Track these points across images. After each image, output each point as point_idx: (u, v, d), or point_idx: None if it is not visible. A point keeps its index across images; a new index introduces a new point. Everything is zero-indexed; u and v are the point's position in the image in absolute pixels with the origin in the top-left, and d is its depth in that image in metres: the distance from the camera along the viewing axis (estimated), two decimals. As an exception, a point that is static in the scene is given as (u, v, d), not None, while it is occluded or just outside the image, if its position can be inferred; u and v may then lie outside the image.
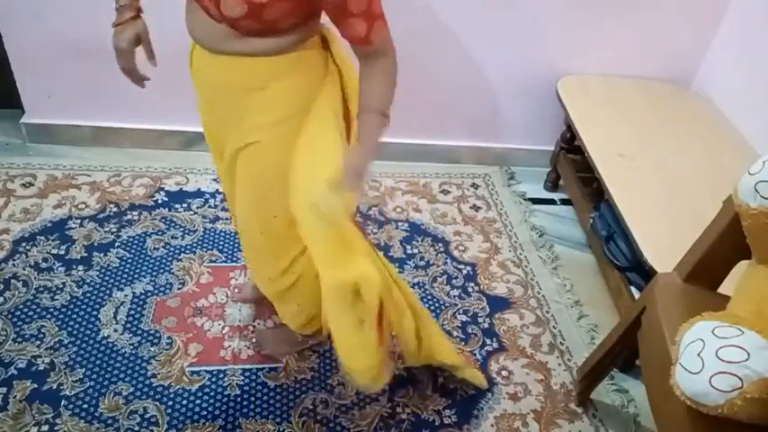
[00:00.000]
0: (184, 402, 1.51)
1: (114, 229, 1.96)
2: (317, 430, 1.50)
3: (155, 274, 1.83)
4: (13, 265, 1.79)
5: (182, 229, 2.00)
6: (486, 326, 1.83)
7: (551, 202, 2.41)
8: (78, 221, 1.97)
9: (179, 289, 1.80)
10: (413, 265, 2.00)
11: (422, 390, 1.62)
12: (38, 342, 1.59)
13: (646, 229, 1.62)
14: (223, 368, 1.60)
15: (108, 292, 1.76)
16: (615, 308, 1.87)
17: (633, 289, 1.76)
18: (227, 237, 2.00)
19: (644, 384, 1.39)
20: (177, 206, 2.09)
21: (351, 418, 1.53)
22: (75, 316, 1.67)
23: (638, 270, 1.74)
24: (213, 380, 1.57)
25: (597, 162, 1.88)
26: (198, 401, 1.52)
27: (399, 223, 2.16)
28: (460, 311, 1.86)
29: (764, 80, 2.05)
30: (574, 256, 2.14)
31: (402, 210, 2.22)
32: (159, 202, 2.10)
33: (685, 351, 1.02)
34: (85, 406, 1.47)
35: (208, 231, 2.01)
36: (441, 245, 2.09)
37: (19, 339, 1.60)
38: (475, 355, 1.73)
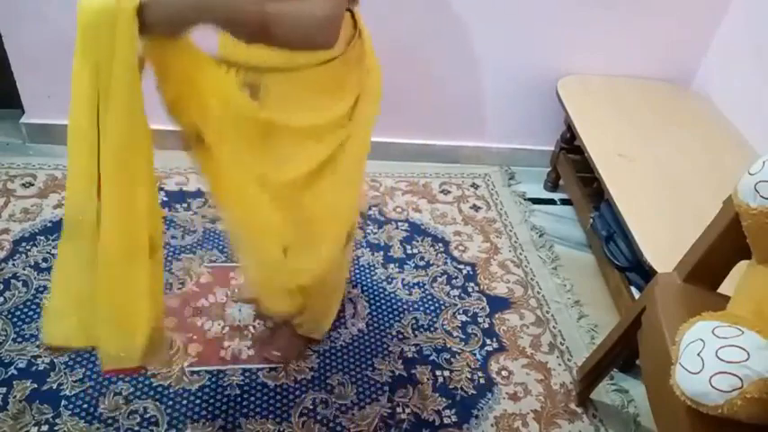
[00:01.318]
0: (184, 402, 1.51)
1: (114, 229, 1.96)
2: (317, 430, 1.50)
3: (155, 274, 1.83)
4: (13, 265, 1.79)
5: (182, 229, 2.00)
6: (486, 326, 1.83)
7: (551, 202, 2.41)
8: (78, 221, 1.97)
9: (179, 289, 1.80)
10: (413, 265, 2.00)
11: (422, 390, 1.62)
12: (38, 342, 1.59)
13: (646, 229, 1.62)
14: (223, 368, 1.60)
15: (108, 292, 1.76)
16: (615, 308, 1.87)
17: (633, 289, 1.76)
18: (228, 237, 2.00)
19: (644, 384, 1.39)
20: (177, 206, 2.09)
21: (351, 418, 1.53)
22: (75, 316, 1.67)
23: (638, 270, 1.74)
24: (213, 380, 1.57)
25: (597, 162, 1.88)
26: (198, 401, 1.52)
27: (399, 223, 2.16)
28: (460, 311, 1.86)
29: (764, 80, 2.05)
30: (574, 256, 2.14)
31: (402, 210, 2.22)
32: (159, 201, 2.09)
33: (685, 351, 1.02)
34: (85, 406, 1.47)
35: (208, 231, 2.01)
36: (441, 245, 2.09)
37: (19, 339, 1.59)
38: (475, 355, 1.74)
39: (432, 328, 1.79)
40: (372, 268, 1.96)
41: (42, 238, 1.89)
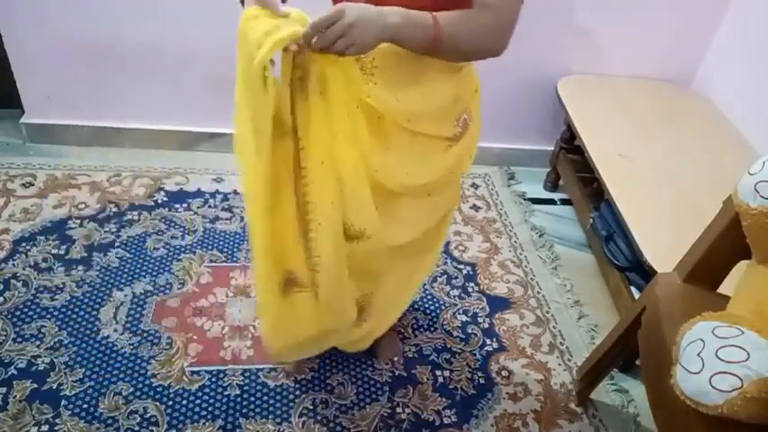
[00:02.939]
0: (184, 402, 1.51)
1: (114, 229, 1.96)
2: (317, 430, 1.50)
3: (155, 274, 1.83)
4: (13, 265, 1.79)
5: (182, 229, 2.00)
6: (486, 326, 1.83)
7: (551, 202, 2.41)
8: (78, 221, 1.97)
9: (179, 289, 1.80)
10: (413, 265, 2.00)
11: (422, 390, 1.62)
12: (38, 342, 1.59)
13: (646, 229, 1.62)
14: (223, 368, 1.60)
15: (108, 292, 1.76)
16: (615, 308, 1.87)
17: (633, 289, 1.76)
18: (227, 237, 2.00)
19: (644, 384, 1.39)
20: (177, 206, 2.09)
21: (351, 418, 1.53)
22: (75, 316, 1.67)
23: (638, 270, 1.74)
24: (213, 380, 1.57)
25: (597, 162, 1.88)
26: (198, 401, 1.52)
27: (399, 223, 2.16)
28: (460, 311, 1.86)
29: (764, 80, 2.05)
30: (574, 256, 2.14)
31: (402, 210, 2.22)
32: (159, 202, 2.10)
33: (685, 351, 1.02)
34: (85, 406, 1.47)
35: (208, 231, 2.01)
36: (441, 245, 2.09)
37: (19, 339, 1.59)
38: (475, 355, 1.73)
39: (432, 328, 1.79)
40: (372, 268, 1.96)
41: (42, 238, 1.89)
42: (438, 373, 1.67)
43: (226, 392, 1.55)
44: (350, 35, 0.89)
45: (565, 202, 2.39)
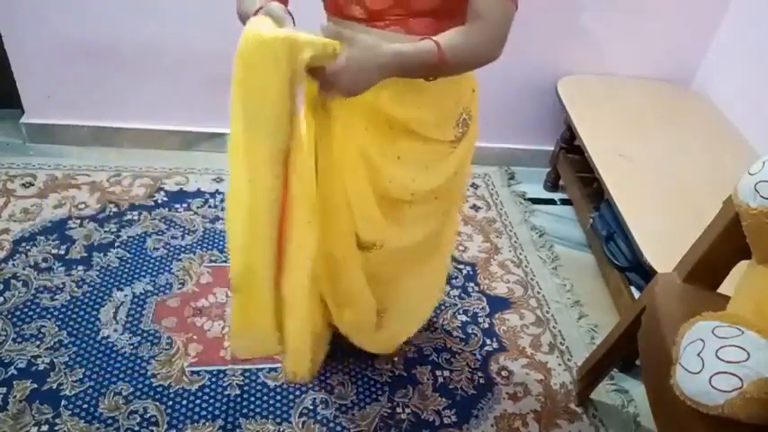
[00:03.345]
0: (184, 402, 1.51)
1: (114, 229, 1.96)
2: (317, 430, 1.50)
3: (155, 274, 1.83)
4: (13, 265, 1.79)
5: (182, 229, 2.00)
6: (486, 326, 1.83)
7: (551, 202, 2.41)
8: (78, 221, 1.97)
9: (179, 289, 1.80)
10: (413, 265, 2.00)
11: (422, 390, 1.62)
12: (38, 342, 1.59)
13: (646, 229, 1.63)
14: (223, 368, 1.60)
15: (108, 292, 1.76)
16: (615, 308, 1.87)
17: (633, 289, 1.76)
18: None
19: (644, 384, 1.39)
20: (177, 206, 2.09)
21: (351, 418, 1.53)
22: (75, 316, 1.67)
23: (638, 270, 1.74)
24: (213, 380, 1.57)
25: (597, 162, 1.88)
26: (198, 401, 1.52)
27: (399, 223, 2.16)
28: (460, 311, 1.86)
29: (764, 80, 2.05)
30: (574, 256, 2.14)
31: (402, 210, 2.22)
32: (159, 202, 2.10)
33: (685, 351, 1.02)
34: (85, 406, 1.47)
35: (208, 231, 2.01)
36: (441, 245, 2.09)
37: (19, 339, 1.59)
38: (475, 355, 1.73)
39: (432, 328, 1.79)
40: (372, 268, 1.96)
41: (42, 238, 1.89)
42: (438, 373, 1.67)
43: (226, 392, 1.55)
44: (351, 83, 0.93)
45: (565, 202, 2.39)
